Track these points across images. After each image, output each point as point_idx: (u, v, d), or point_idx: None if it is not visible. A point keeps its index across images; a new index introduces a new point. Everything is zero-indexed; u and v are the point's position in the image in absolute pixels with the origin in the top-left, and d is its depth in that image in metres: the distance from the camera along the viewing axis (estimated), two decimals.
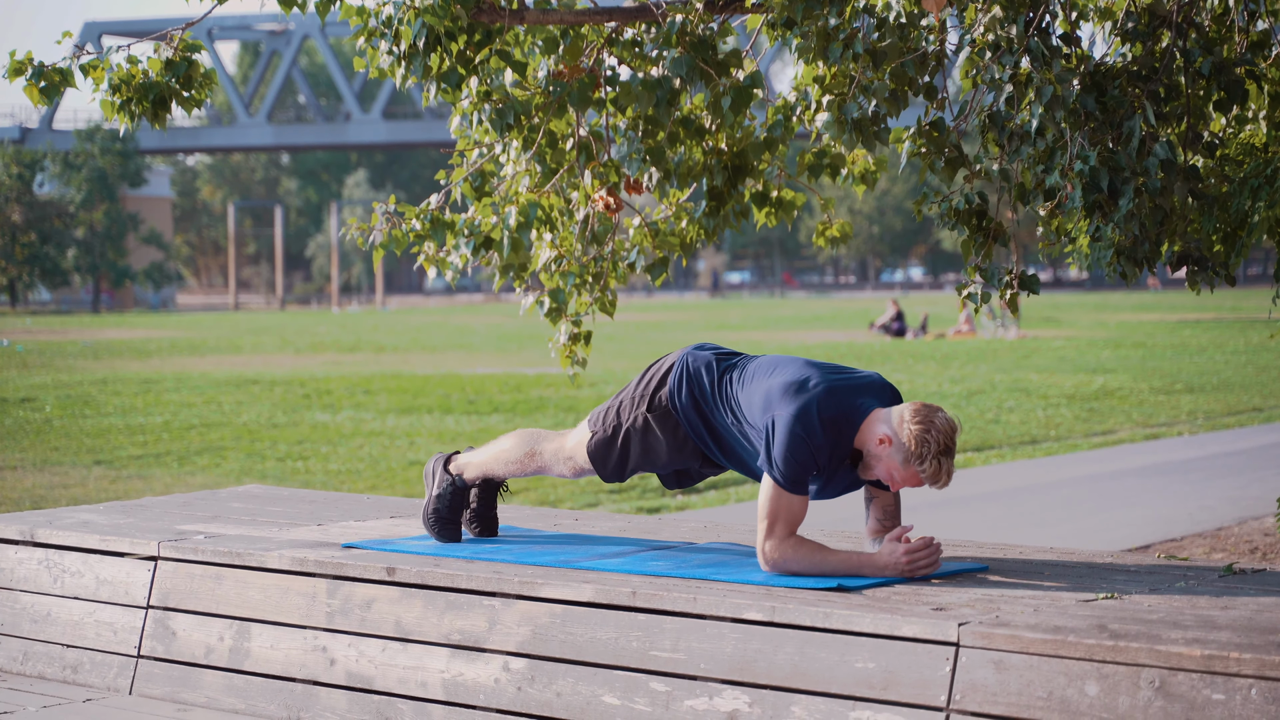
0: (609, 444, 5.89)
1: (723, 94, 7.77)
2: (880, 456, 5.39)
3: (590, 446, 5.92)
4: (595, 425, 5.94)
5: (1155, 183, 6.72)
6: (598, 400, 22.31)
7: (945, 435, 5.31)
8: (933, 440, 5.30)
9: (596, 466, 5.94)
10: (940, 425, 5.32)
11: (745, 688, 4.98)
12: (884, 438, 5.36)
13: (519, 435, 6.16)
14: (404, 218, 8.43)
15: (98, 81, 7.92)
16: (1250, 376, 27.56)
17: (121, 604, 6.36)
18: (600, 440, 5.90)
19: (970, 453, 17.79)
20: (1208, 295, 16.79)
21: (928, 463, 5.30)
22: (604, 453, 5.90)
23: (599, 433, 5.91)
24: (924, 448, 5.30)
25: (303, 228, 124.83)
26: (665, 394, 5.80)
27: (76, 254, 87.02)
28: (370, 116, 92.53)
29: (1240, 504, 13.28)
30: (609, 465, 5.92)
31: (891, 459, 5.36)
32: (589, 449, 5.92)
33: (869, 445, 5.40)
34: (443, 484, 6.23)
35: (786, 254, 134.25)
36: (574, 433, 6.04)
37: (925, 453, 5.30)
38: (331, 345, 42.84)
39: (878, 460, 5.40)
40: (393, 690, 5.64)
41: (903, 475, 5.37)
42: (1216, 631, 4.48)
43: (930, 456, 5.30)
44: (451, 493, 6.23)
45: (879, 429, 5.39)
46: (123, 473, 16.42)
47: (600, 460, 5.92)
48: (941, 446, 5.30)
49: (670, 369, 5.83)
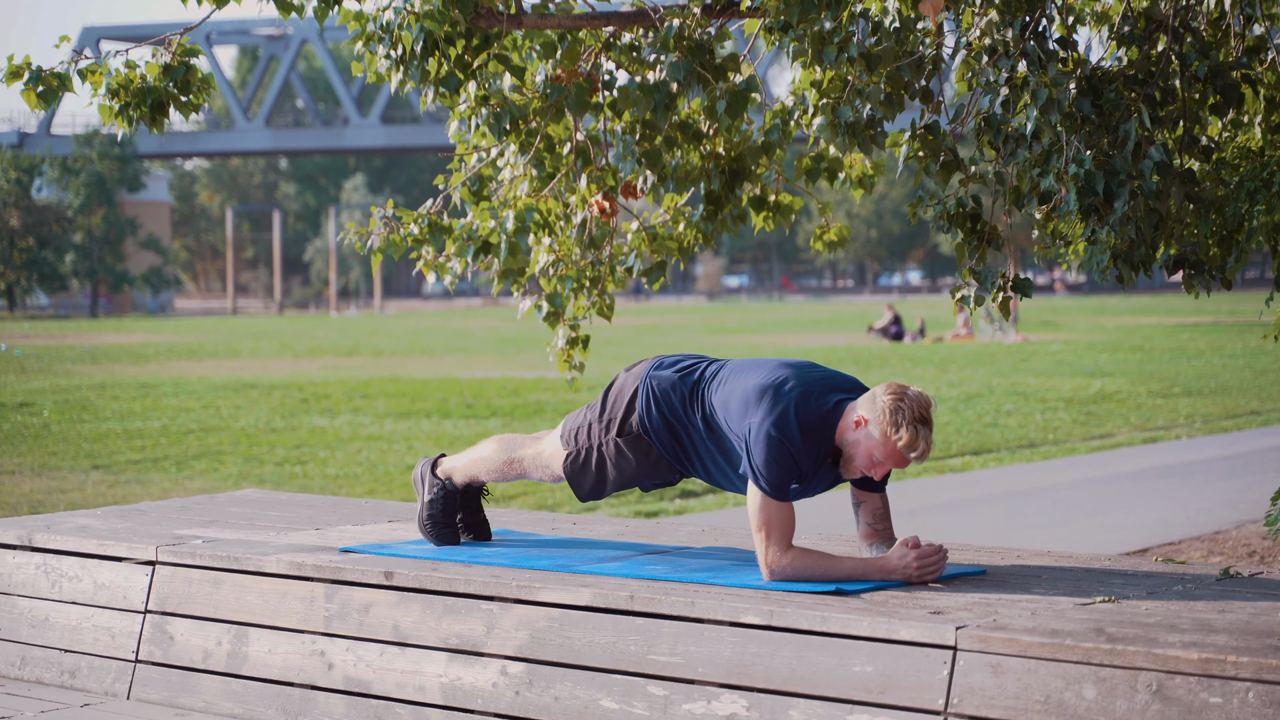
0: (584, 467, 5.90)
1: (719, 98, 7.78)
2: (858, 440, 5.38)
3: (566, 467, 5.93)
4: (568, 443, 5.94)
5: (1151, 186, 6.73)
6: None
7: (918, 404, 5.31)
8: (906, 408, 5.30)
9: (573, 487, 5.97)
10: (913, 395, 5.33)
11: (743, 691, 4.98)
12: (859, 420, 5.36)
13: (498, 442, 6.16)
14: (402, 222, 8.43)
15: (95, 86, 7.92)
16: (1248, 380, 27.57)
17: (119, 609, 6.36)
18: (575, 463, 5.91)
19: (968, 456, 17.79)
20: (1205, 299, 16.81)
21: (903, 429, 5.29)
22: (579, 476, 5.92)
23: (572, 453, 5.91)
24: (899, 415, 5.29)
25: (301, 232, 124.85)
26: (635, 420, 5.79)
27: (74, 258, 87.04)
28: (368, 121, 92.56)
29: (1238, 507, 13.29)
30: (585, 487, 5.95)
31: (870, 439, 5.35)
32: (565, 469, 5.94)
33: (846, 434, 5.40)
34: (433, 489, 6.24)
35: (784, 258, 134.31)
36: (549, 439, 6.04)
37: (900, 420, 5.29)
38: (330, 349, 42.84)
39: (856, 445, 5.39)
40: (391, 694, 5.64)
41: (883, 452, 5.36)
42: (1214, 635, 4.49)
43: (905, 424, 5.29)
44: (443, 497, 6.23)
45: (853, 415, 5.39)
46: (121, 477, 16.42)
47: (576, 482, 5.94)
48: (916, 414, 5.30)
49: (636, 392, 5.81)
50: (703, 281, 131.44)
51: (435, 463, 6.29)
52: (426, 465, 6.28)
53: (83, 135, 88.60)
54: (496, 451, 6.13)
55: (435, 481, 6.23)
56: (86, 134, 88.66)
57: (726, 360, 5.79)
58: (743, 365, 5.68)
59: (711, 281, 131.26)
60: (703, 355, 5.91)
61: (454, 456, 6.27)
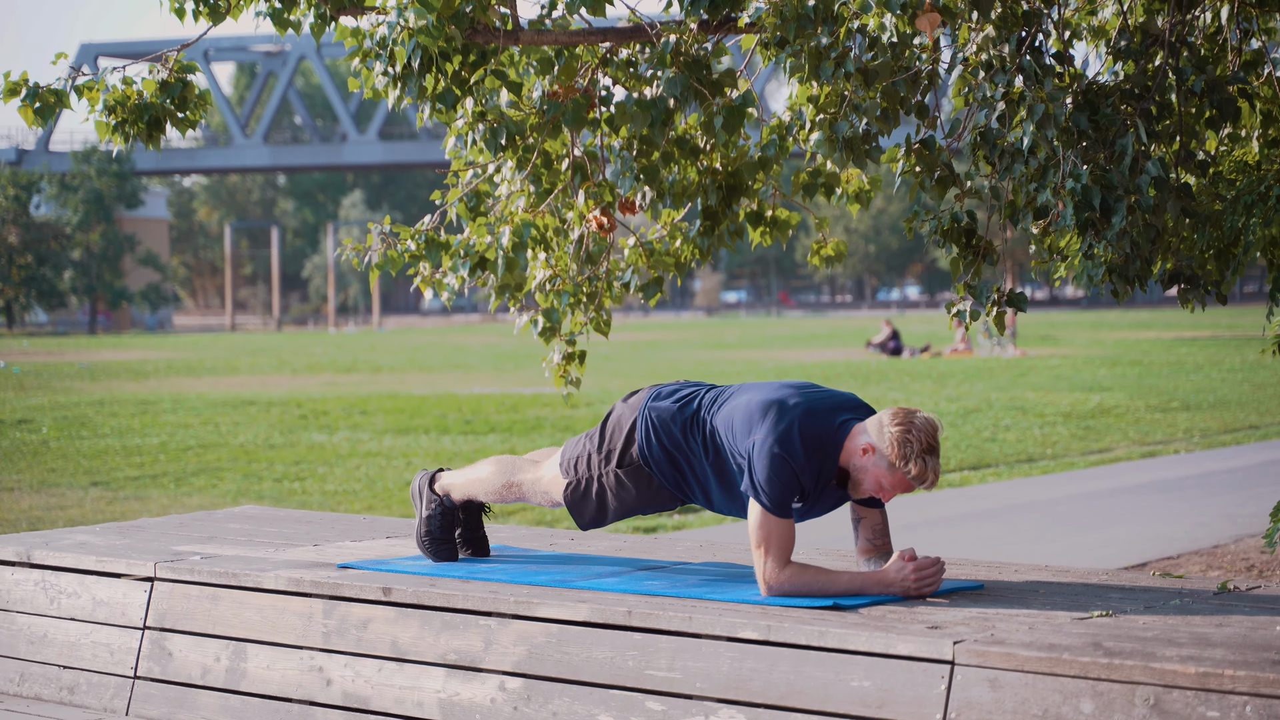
0: (584, 497, 5.90)
1: (716, 113, 7.78)
2: (866, 467, 5.39)
3: (566, 496, 5.93)
4: (568, 472, 5.93)
5: (1148, 201, 6.74)
6: (593, 420, 22.29)
7: (926, 434, 5.32)
8: (914, 440, 5.30)
9: (574, 516, 5.97)
10: (920, 425, 5.32)
11: (741, 706, 4.98)
12: (866, 447, 5.37)
13: (496, 464, 6.15)
14: (399, 238, 8.44)
15: (93, 103, 7.93)
16: (1247, 394, 27.57)
17: (118, 625, 6.36)
18: (575, 492, 5.91)
19: (966, 471, 17.79)
20: (1204, 313, 16.79)
21: (912, 463, 5.30)
22: (580, 505, 5.92)
23: (572, 482, 5.91)
24: (907, 449, 5.30)
25: (299, 248, 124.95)
26: (636, 451, 5.79)
27: (73, 275, 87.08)
28: (366, 137, 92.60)
29: (1237, 521, 13.29)
30: (586, 517, 5.95)
31: (878, 466, 5.36)
32: (565, 498, 5.94)
33: (854, 459, 5.40)
34: (431, 504, 6.23)
35: (783, 273, 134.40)
36: (548, 464, 6.04)
37: (909, 453, 5.30)
38: (328, 366, 42.84)
39: (864, 472, 5.40)
40: (389, 710, 5.64)
41: (891, 481, 5.37)
42: (1211, 649, 4.49)
43: (914, 456, 5.30)
44: (441, 513, 6.23)
45: (860, 440, 5.39)
46: (120, 494, 16.42)
47: (578, 512, 5.95)
48: (924, 445, 5.31)
49: (635, 424, 5.81)
50: (701, 297, 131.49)
51: (434, 477, 6.28)
52: (425, 479, 6.27)
53: (81, 152, 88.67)
54: (495, 474, 6.12)
55: (433, 498, 6.23)
56: (85, 151, 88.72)
57: (725, 386, 5.79)
58: (744, 387, 5.68)
59: (710, 297, 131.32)
60: (700, 382, 5.90)
61: (452, 473, 6.26)
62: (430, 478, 6.28)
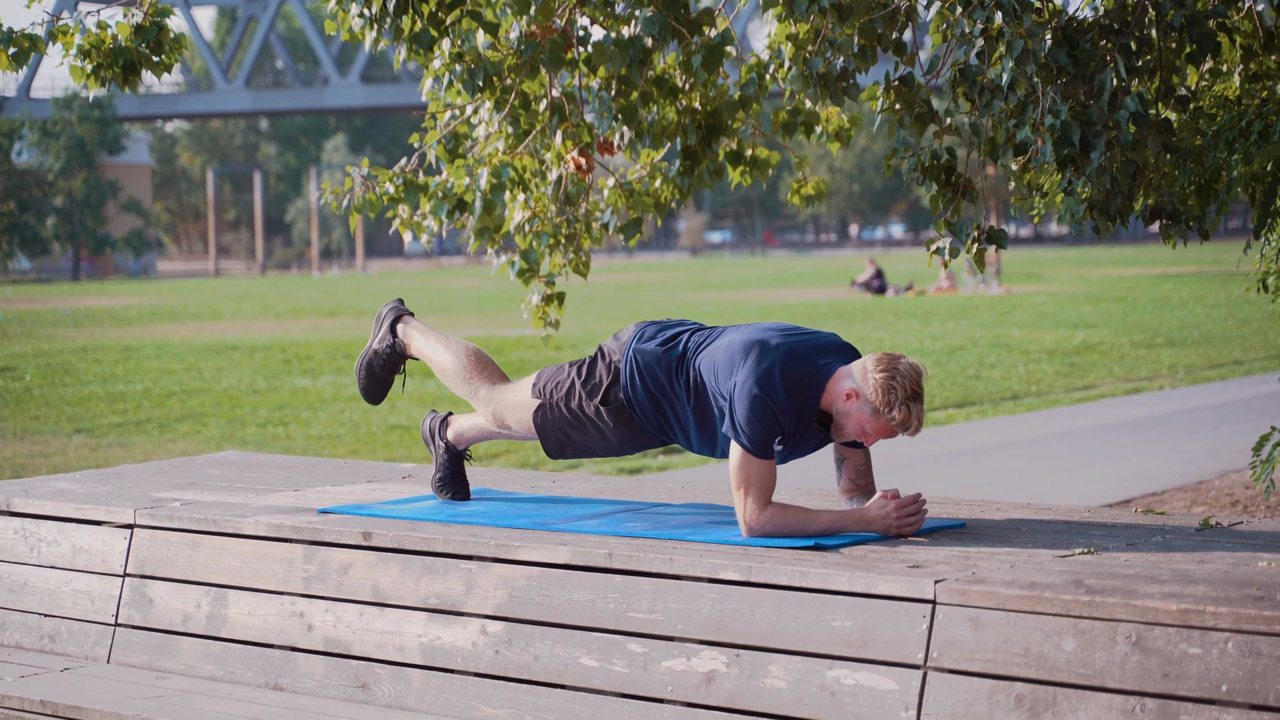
0: (556, 423, 5.88)
1: (695, 52, 7.74)
2: (849, 412, 5.36)
3: (537, 418, 5.91)
4: (540, 394, 5.91)
5: (1127, 136, 6.70)
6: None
7: (910, 380, 5.30)
8: (898, 386, 5.28)
9: (542, 438, 5.94)
10: (904, 371, 5.30)
11: (723, 647, 4.97)
12: (850, 392, 5.34)
13: (466, 357, 6.17)
14: (378, 181, 8.40)
15: (67, 47, 7.87)
16: (1231, 330, 27.61)
17: (98, 572, 6.34)
18: (548, 416, 5.89)
19: (951, 409, 17.81)
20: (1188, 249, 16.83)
21: (896, 409, 5.28)
22: (551, 429, 5.90)
23: (545, 405, 5.89)
24: (891, 395, 5.28)
25: (282, 193, 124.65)
26: (620, 391, 5.77)
27: (56, 222, 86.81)
28: (348, 81, 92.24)
29: (1221, 457, 13.32)
30: (551, 441, 5.93)
31: (861, 412, 5.34)
32: (536, 421, 5.92)
33: (837, 403, 5.38)
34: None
35: (767, 213, 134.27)
36: (516, 385, 6.05)
37: (893, 400, 5.28)
38: (312, 310, 42.80)
39: (847, 417, 5.38)
40: (370, 655, 5.63)
41: (874, 427, 5.35)
42: (1193, 586, 4.48)
43: (898, 403, 5.28)
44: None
45: (844, 385, 5.36)
46: (103, 441, 16.40)
47: (545, 433, 5.92)
48: (909, 392, 5.29)
49: (621, 364, 5.78)
50: (685, 237, 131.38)
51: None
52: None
53: (62, 98, 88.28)
54: (457, 365, 6.14)
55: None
56: (66, 97, 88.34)
57: (712, 327, 5.77)
58: (728, 329, 5.66)
59: (694, 237, 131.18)
60: (685, 321, 5.87)
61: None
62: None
